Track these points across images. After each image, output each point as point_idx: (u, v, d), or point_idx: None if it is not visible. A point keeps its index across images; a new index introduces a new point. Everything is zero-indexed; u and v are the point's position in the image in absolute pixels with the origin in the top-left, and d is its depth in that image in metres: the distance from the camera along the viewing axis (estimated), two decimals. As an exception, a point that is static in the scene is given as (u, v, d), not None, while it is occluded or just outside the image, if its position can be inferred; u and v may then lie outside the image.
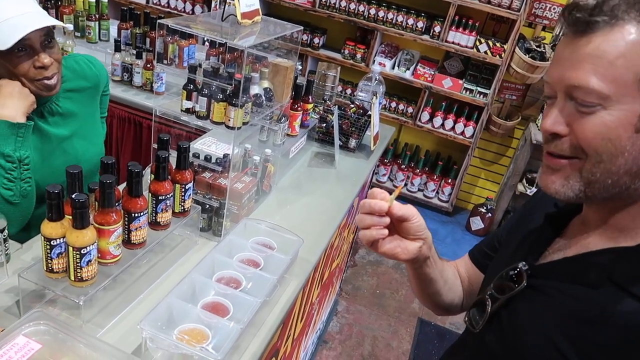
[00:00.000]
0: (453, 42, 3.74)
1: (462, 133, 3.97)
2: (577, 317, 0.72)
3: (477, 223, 4.11)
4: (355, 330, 2.95)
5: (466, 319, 0.92)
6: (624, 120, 0.67)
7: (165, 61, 2.08)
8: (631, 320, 0.67)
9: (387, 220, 0.86)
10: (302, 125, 1.98)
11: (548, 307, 0.76)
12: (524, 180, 3.99)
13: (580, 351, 0.70)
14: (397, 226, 0.89)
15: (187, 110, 1.46)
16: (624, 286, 0.69)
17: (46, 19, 1.34)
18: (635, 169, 0.69)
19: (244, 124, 1.47)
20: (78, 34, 2.75)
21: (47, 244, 1.04)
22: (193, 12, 4.23)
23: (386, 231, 0.86)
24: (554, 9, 3.65)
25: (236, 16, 1.47)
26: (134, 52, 2.54)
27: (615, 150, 0.68)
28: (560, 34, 0.72)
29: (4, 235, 1.19)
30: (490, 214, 4.07)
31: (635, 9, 0.66)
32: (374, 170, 2.77)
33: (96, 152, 1.66)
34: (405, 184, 4.30)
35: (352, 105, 2.38)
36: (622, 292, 0.69)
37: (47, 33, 1.36)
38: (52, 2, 2.70)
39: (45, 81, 1.38)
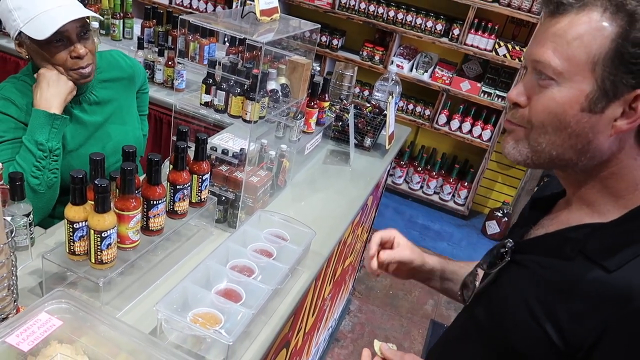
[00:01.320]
0: (472, 45, 3.73)
1: (480, 136, 3.95)
2: (553, 287, 0.77)
3: (493, 227, 4.09)
4: (367, 329, 2.96)
5: (459, 292, 0.96)
6: (572, 98, 0.73)
7: (186, 58, 2.14)
8: (597, 288, 0.72)
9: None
10: (318, 123, 2.01)
11: (528, 278, 0.82)
12: (542, 185, 3.96)
13: (553, 319, 0.75)
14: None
15: (206, 104, 1.50)
16: (594, 259, 0.74)
17: (82, 11, 1.42)
18: (580, 147, 0.75)
19: (260, 118, 1.50)
20: (103, 32, 2.83)
21: (70, 227, 1.09)
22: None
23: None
24: (575, 12, 3.62)
25: (255, 13, 1.51)
26: (156, 49, 2.61)
27: (560, 125, 0.75)
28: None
29: (30, 220, 1.24)
30: (506, 218, 4.04)
31: None
32: (388, 171, 2.78)
33: (134, 136, 1.75)
34: (422, 187, 4.30)
35: (368, 105, 2.40)
36: (592, 264, 0.74)
37: (83, 25, 1.44)
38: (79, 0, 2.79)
39: (81, 70, 1.46)
